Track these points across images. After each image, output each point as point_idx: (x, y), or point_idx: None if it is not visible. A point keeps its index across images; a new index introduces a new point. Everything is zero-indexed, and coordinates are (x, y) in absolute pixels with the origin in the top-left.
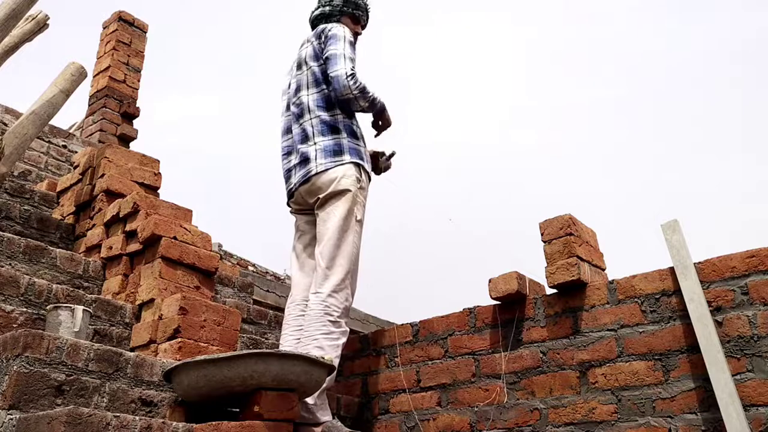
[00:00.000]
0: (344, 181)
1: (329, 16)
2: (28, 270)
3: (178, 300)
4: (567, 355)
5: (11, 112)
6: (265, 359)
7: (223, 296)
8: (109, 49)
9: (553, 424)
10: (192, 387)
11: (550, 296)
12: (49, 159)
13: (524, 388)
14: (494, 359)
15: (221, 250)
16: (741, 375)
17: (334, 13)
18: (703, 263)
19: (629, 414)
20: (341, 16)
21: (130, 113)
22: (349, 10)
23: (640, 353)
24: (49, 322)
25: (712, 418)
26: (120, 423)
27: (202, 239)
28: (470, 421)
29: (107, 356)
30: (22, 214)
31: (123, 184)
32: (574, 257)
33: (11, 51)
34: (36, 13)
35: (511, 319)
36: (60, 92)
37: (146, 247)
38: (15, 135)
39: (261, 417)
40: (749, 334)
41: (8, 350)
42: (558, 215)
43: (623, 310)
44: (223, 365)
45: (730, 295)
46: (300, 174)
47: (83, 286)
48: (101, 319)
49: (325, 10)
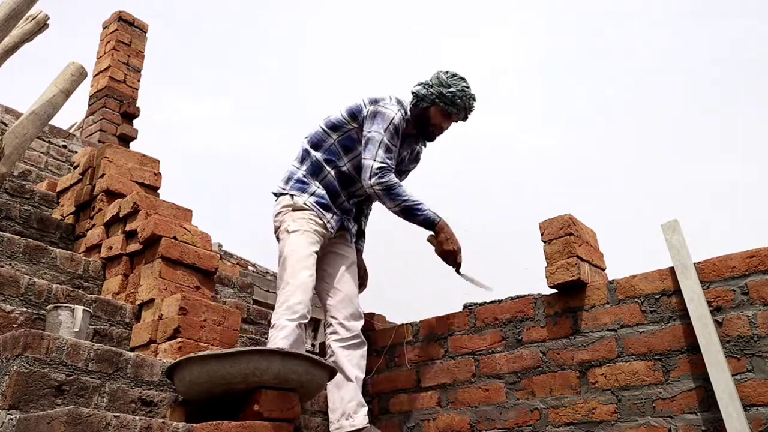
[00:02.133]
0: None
1: (421, 99)
2: (28, 270)
3: (178, 300)
4: (567, 355)
5: (11, 112)
6: (268, 357)
7: (223, 296)
8: (109, 49)
9: (553, 424)
10: (194, 383)
11: (550, 296)
12: (49, 159)
13: (524, 388)
14: (494, 359)
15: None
16: (741, 375)
17: (426, 99)
18: (703, 263)
19: (629, 414)
20: (432, 105)
21: (130, 113)
22: (442, 104)
23: (640, 353)
24: (49, 322)
25: (712, 418)
26: (120, 423)
27: (202, 239)
28: (470, 421)
29: (107, 356)
30: (22, 214)
31: (123, 184)
32: (574, 257)
33: (11, 51)
34: (36, 13)
35: (512, 318)
36: (60, 92)
37: (146, 247)
38: (15, 135)
39: (261, 416)
40: (749, 334)
41: (8, 350)
42: (558, 215)
43: (623, 310)
44: (225, 361)
45: (730, 295)
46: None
47: (83, 286)
48: (101, 319)
49: (420, 91)
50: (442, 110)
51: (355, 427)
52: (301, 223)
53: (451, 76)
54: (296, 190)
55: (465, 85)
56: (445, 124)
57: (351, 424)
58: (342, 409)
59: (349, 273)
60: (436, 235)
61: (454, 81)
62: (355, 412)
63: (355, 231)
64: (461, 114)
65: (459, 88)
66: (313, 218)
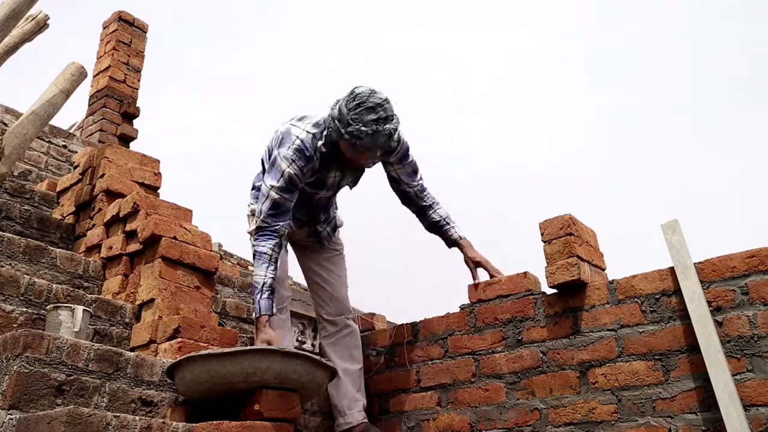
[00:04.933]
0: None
1: (328, 133)
2: (28, 270)
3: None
4: (567, 355)
5: (11, 112)
6: (269, 356)
7: (223, 296)
8: (109, 49)
9: (553, 424)
10: (195, 382)
11: (550, 296)
12: (49, 159)
13: (524, 388)
14: (494, 359)
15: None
16: (741, 375)
17: (332, 132)
18: (703, 263)
19: (629, 414)
20: (339, 140)
21: (130, 113)
22: (346, 143)
23: (640, 353)
24: (49, 322)
25: (712, 418)
26: (120, 423)
27: (202, 239)
28: (470, 421)
29: (107, 356)
30: (22, 214)
31: (123, 184)
32: (574, 257)
33: (11, 51)
34: (36, 13)
35: (511, 318)
36: (60, 92)
37: (146, 247)
38: (15, 135)
39: (261, 416)
40: (749, 334)
41: (8, 350)
42: (558, 215)
43: (623, 310)
44: (227, 360)
45: (730, 295)
46: None
47: (83, 286)
48: (101, 319)
49: (327, 121)
50: (351, 147)
51: (350, 424)
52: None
53: (354, 108)
54: (253, 198)
55: (370, 119)
56: (361, 158)
57: (345, 422)
58: (337, 407)
59: (332, 270)
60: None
61: (355, 116)
62: (349, 409)
63: (329, 231)
64: (373, 151)
65: (358, 128)
66: None
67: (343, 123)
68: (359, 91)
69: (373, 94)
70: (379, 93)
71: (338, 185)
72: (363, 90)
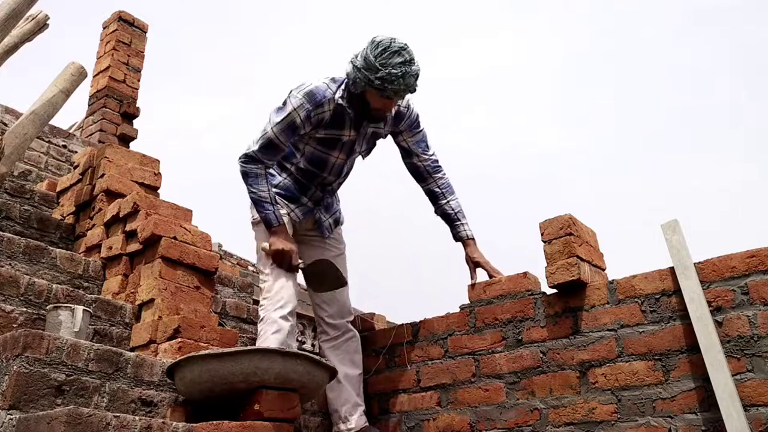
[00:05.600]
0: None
1: (353, 82)
2: (28, 270)
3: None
4: (567, 355)
5: (11, 112)
6: (269, 356)
7: (223, 296)
8: (109, 49)
9: (553, 424)
10: (195, 382)
11: (550, 296)
12: (49, 159)
13: (524, 388)
14: (494, 359)
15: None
16: (741, 375)
17: (357, 83)
18: (703, 263)
19: (629, 414)
20: (365, 90)
21: (130, 113)
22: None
23: (640, 353)
24: (49, 322)
25: (713, 418)
26: (120, 423)
27: (202, 239)
28: (470, 421)
29: (107, 356)
30: (22, 214)
31: (123, 184)
32: (574, 257)
33: (11, 51)
34: (36, 13)
35: (512, 318)
36: (60, 92)
37: (146, 247)
38: (15, 135)
39: (261, 416)
40: (749, 334)
41: (8, 350)
42: (558, 215)
43: (623, 310)
44: (227, 360)
45: (730, 295)
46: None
47: (83, 286)
48: (101, 319)
49: (350, 74)
50: (378, 94)
51: (352, 429)
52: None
53: (380, 54)
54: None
55: (398, 61)
56: (388, 105)
57: (347, 428)
58: (338, 412)
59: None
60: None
61: (383, 60)
62: (351, 414)
63: (330, 223)
64: (402, 94)
65: (389, 71)
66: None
67: (371, 70)
68: (380, 39)
69: (394, 40)
70: (399, 39)
71: (351, 148)
72: (384, 37)
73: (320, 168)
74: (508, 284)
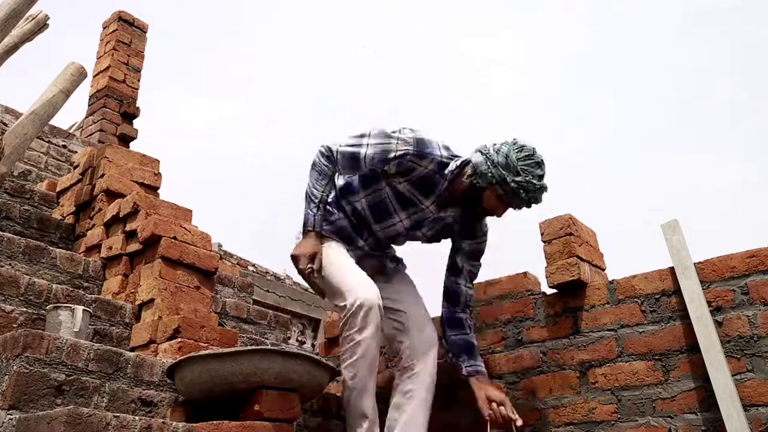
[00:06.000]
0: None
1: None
2: (28, 270)
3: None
4: (567, 355)
5: (11, 112)
6: (269, 356)
7: (223, 296)
8: (109, 49)
9: (553, 424)
10: (194, 383)
11: (550, 296)
12: (49, 159)
13: (524, 388)
14: (494, 359)
15: (221, 250)
16: (741, 375)
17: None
18: (703, 263)
19: (629, 414)
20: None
21: (130, 113)
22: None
23: (640, 353)
24: (49, 322)
25: (713, 418)
26: (120, 423)
27: (202, 239)
28: (470, 421)
29: (107, 356)
30: (22, 214)
31: (123, 184)
32: (574, 257)
33: (11, 51)
34: (36, 13)
35: (512, 318)
36: (60, 92)
37: (146, 247)
38: (15, 135)
39: (261, 416)
40: (749, 334)
41: (8, 350)
42: (558, 215)
43: (623, 310)
44: (227, 360)
45: (730, 295)
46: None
47: (83, 286)
48: (101, 319)
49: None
50: (498, 197)
51: None
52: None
53: (524, 158)
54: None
55: (538, 173)
56: (499, 211)
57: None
58: None
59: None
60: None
61: (524, 167)
62: None
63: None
64: (524, 206)
65: (528, 179)
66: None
67: (511, 171)
68: (524, 144)
69: (536, 150)
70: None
71: (419, 221)
72: (527, 144)
73: (376, 219)
74: (508, 284)
